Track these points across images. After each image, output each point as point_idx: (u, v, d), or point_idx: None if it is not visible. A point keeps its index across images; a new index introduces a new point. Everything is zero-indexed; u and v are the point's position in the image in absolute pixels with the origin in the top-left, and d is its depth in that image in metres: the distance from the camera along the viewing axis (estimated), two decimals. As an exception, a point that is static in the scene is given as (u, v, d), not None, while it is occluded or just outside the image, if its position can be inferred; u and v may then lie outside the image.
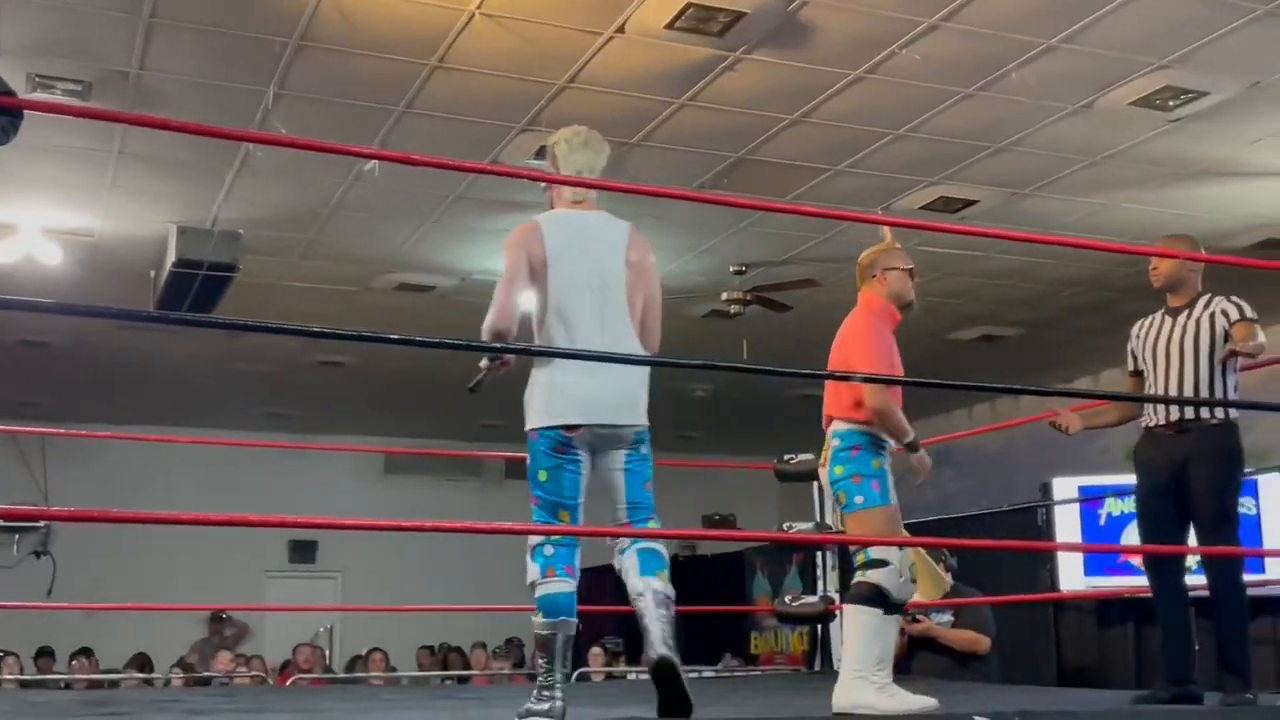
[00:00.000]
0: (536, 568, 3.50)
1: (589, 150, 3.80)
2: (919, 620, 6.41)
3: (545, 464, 3.55)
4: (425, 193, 7.65)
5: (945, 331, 10.81)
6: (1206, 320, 4.36)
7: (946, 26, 5.70)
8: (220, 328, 9.72)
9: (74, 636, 10.65)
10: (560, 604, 3.48)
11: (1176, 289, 4.50)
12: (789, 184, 7.54)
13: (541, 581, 3.49)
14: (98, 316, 5.31)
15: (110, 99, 6.19)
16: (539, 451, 3.55)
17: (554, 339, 3.55)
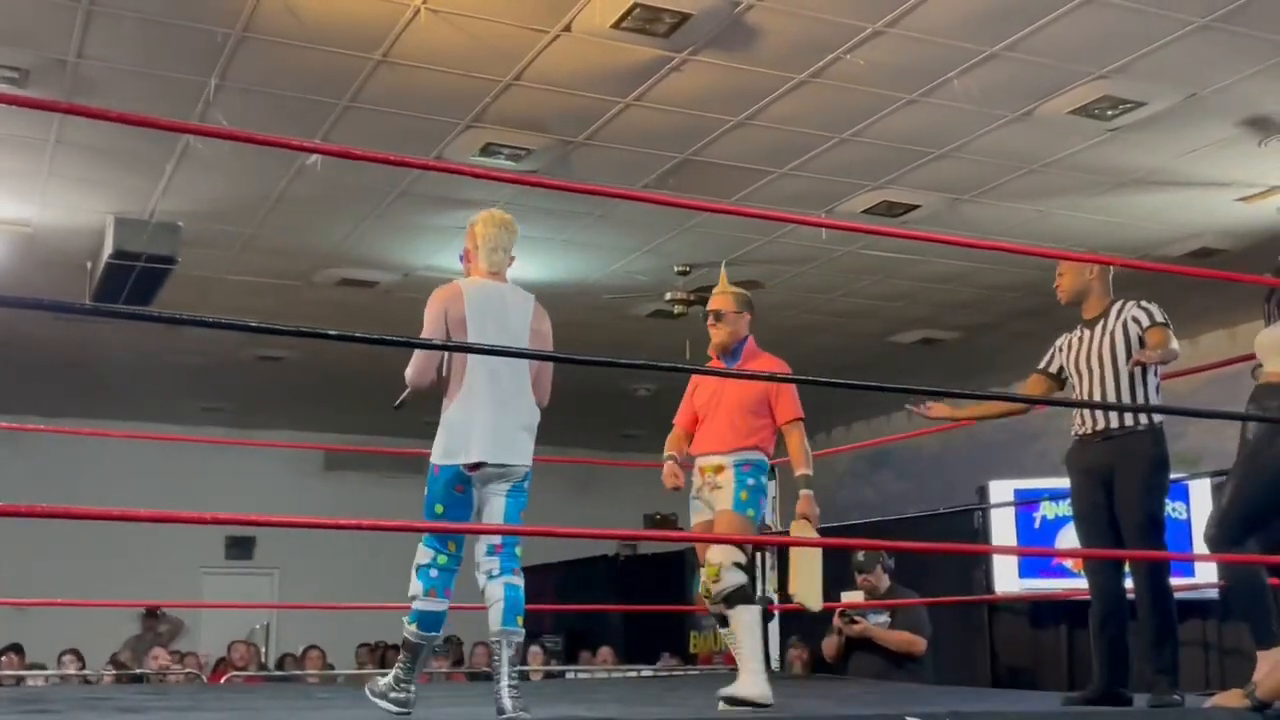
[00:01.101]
0: (421, 586, 3.97)
1: (506, 231, 4.21)
2: (856, 621, 6.47)
3: (443, 499, 3.94)
4: (368, 188, 7.60)
5: (886, 334, 10.91)
6: (1120, 329, 4.43)
7: (890, 32, 5.75)
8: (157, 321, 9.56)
9: (4, 632, 10.46)
10: (436, 622, 4.01)
11: (1084, 300, 4.57)
12: (733, 185, 7.57)
13: (423, 599, 3.96)
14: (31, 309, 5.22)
15: (48, 87, 6.08)
16: (439, 486, 3.94)
17: (476, 386, 3.93)
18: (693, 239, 8.54)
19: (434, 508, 3.94)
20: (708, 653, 11.46)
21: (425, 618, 3.98)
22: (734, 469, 4.58)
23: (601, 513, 13.63)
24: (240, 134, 3.10)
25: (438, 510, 3.94)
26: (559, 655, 11.54)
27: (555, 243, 8.58)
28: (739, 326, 4.80)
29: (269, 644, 12.54)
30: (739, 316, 4.81)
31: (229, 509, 2.93)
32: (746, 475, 4.56)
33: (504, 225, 4.21)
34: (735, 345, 4.80)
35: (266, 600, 13.55)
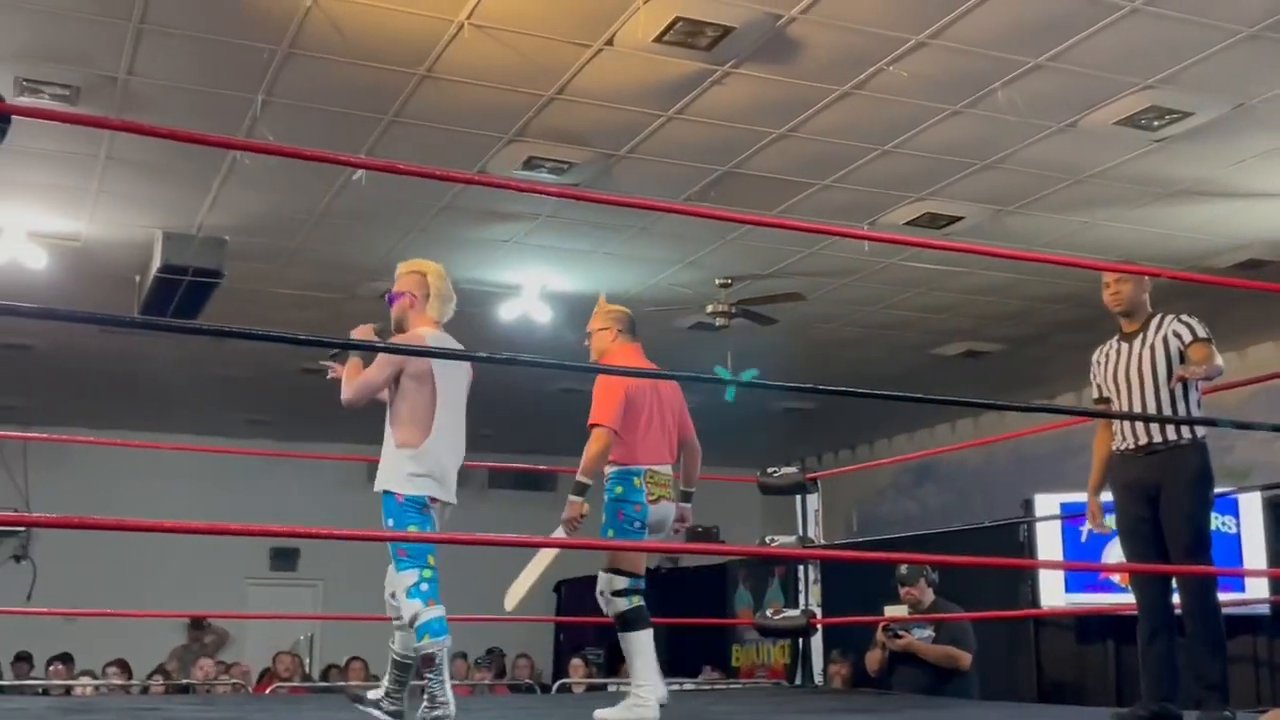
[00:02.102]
0: (418, 603, 4.15)
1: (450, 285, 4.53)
2: (900, 635, 6.42)
3: (416, 520, 4.20)
4: (411, 202, 7.65)
5: (929, 346, 10.85)
6: (1160, 343, 4.38)
7: (934, 44, 5.74)
8: (204, 334, 9.71)
9: (53, 642, 10.58)
10: (443, 627, 4.17)
11: (1134, 314, 4.52)
12: (775, 198, 7.56)
13: (424, 611, 4.14)
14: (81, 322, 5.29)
15: (98, 104, 6.18)
16: (410, 511, 4.21)
17: (441, 429, 4.27)
18: (735, 251, 8.53)
19: (408, 529, 4.18)
20: (750, 666, 11.42)
21: (434, 625, 4.14)
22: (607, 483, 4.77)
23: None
24: (287, 149, 3.14)
25: (412, 530, 4.18)
26: (601, 667, 11.52)
27: (597, 255, 8.61)
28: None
29: (313, 655, 12.61)
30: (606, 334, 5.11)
31: (273, 521, 2.96)
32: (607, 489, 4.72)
33: (448, 279, 4.51)
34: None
35: (310, 611, 13.64)
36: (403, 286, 4.44)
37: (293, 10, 5.40)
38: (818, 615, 7.03)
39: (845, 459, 14.82)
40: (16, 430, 11.02)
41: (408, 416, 4.26)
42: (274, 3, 5.35)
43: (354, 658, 11.09)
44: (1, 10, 5.41)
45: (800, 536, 6.38)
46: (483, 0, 5.35)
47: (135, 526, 2.27)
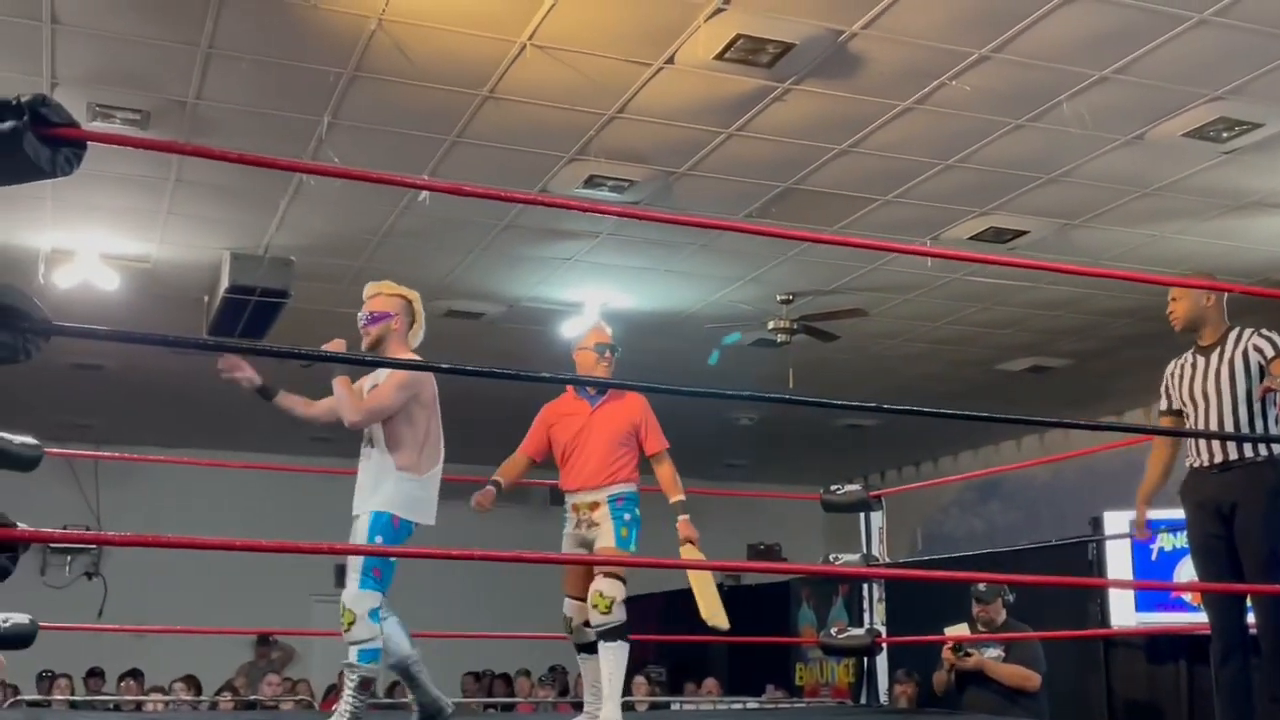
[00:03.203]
0: (377, 627, 4.19)
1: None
2: (970, 655, 6.35)
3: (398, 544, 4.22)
4: (475, 221, 7.71)
5: (993, 362, 10.75)
6: (1240, 358, 4.30)
7: (997, 57, 5.70)
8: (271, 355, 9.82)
9: (124, 658, 10.75)
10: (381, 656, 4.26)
11: (1200, 328, 4.43)
12: (837, 213, 7.54)
13: (377, 638, 4.20)
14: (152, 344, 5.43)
15: (168, 128, 6.29)
16: (401, 537, 4.22)
17: (438, 458, 4.35)
18: (796, 267, 8.51)
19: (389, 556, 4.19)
20: (813, 684, 11.34)
21: (379, 653, 4.22)
22: (609, 505, 4.66)
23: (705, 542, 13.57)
24: (353, 172, 3.17)
25: (392, 561, 4.21)
26: (663, 686, 11.50)
27: (658, 272, 8.62)
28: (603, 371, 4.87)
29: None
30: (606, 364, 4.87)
31: (338, 538, 2.98)
32: (622, 510, 4.66)
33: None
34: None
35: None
36: (385, 307, 4.34)
37: (358, 33, 5.47)
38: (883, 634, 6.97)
39: (909, 476, 14.70)
40: (89, 449, 11.23)
41: (413, 442, 4.25)
42: (339, 26, 5.43)
43: (418, 675, 11.13)
44: (74, 37, 5.54)
45: (864, 554, 6.32)
46: (545, 21, 5.40)
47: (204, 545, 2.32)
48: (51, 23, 5.39)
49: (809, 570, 11.45)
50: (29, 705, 8.37)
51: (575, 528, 4.74)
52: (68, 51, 5.65)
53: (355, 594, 4.16)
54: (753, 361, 10.23)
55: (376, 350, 4.34)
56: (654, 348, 9.66)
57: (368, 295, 4.39)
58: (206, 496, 12.52)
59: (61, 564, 13.22)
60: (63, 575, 13.17)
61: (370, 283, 4.47)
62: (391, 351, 4.31)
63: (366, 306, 4.36)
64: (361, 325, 4.34)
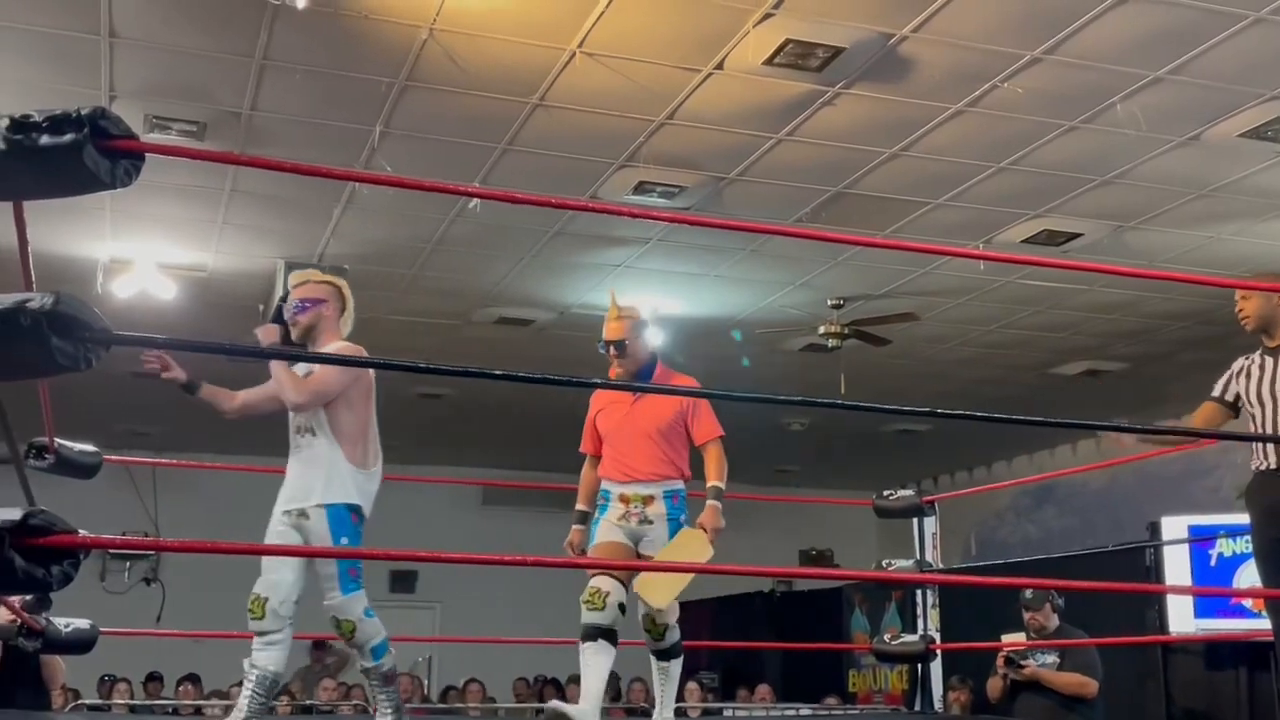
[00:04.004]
0: (377, 622, 4.18)
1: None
2: (1023, 665, 6.29)
3: (356, 543, 4.18)
4: (525, 228, 7.75)
5: (1047, 366, 10.65)
6: None
7: (1049, 59, 5.65)
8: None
9: (182, 662, 10.88)
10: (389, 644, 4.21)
11: (1272, 329, 4.35)
12: (888, 217, 7.50)
13: (381, 630, 4.18)
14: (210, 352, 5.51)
15: (223, 139, 6.38)
16: (359, 529, 4.17)
17: (379, 453, 4.28)
18: (846, 272, 8.48)
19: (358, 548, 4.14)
20: (867, 691, 11.28)
21: (388, 644, 4.21)
22: (665, 502, 4.41)
23: (756, 548, 13.55)
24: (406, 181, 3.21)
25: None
26: (716, 692, 11.48)
27: (708, 278, 8.62)
28: (642, 353, 4.54)
29: (431, 677, 12.77)
30: (639, 343, 4.54)
31: (392, 544, 3.01)
32: (677, 510, 4.43)
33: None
34: (642, 370, 4.53)
35: (428, 634, 13.81)
36: (316, 294, 4.25)
37: (409, 43, 5.52)
38: (937, 640, 6.92)
39: (962, 481, 14.59)
40: (147, 456, 11.38)
41: (358, 432, 4.17)
42: (391, 36, 5.48)
43: (471, 679, 11.21)
44: (131, 50, 5.63)
45: (918, 560, 6.28)
46: (594, 28, 5.42)
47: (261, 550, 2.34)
48: (109, 36, 5.48)
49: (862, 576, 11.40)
50: (90, 709, 8.49)
51: (623, 519, 4.41)
52: (125, 65, 5.74)
53: (344, 601, 4.10)
54: (803, 366, 10.20)
55: (308, 338, 4.26)
56: (704, 353, 9.65)
57: (295, 283, 4.30)
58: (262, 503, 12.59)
59: (120, 570, 13.40)
60: (122, 581, 13.35)
61: (295, 271, 4.42)
62: (324, 338, 4.24)
63: (296, 295, 4.27)
64: (292, 314, 4.26)
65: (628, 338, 4.48)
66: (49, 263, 7.66)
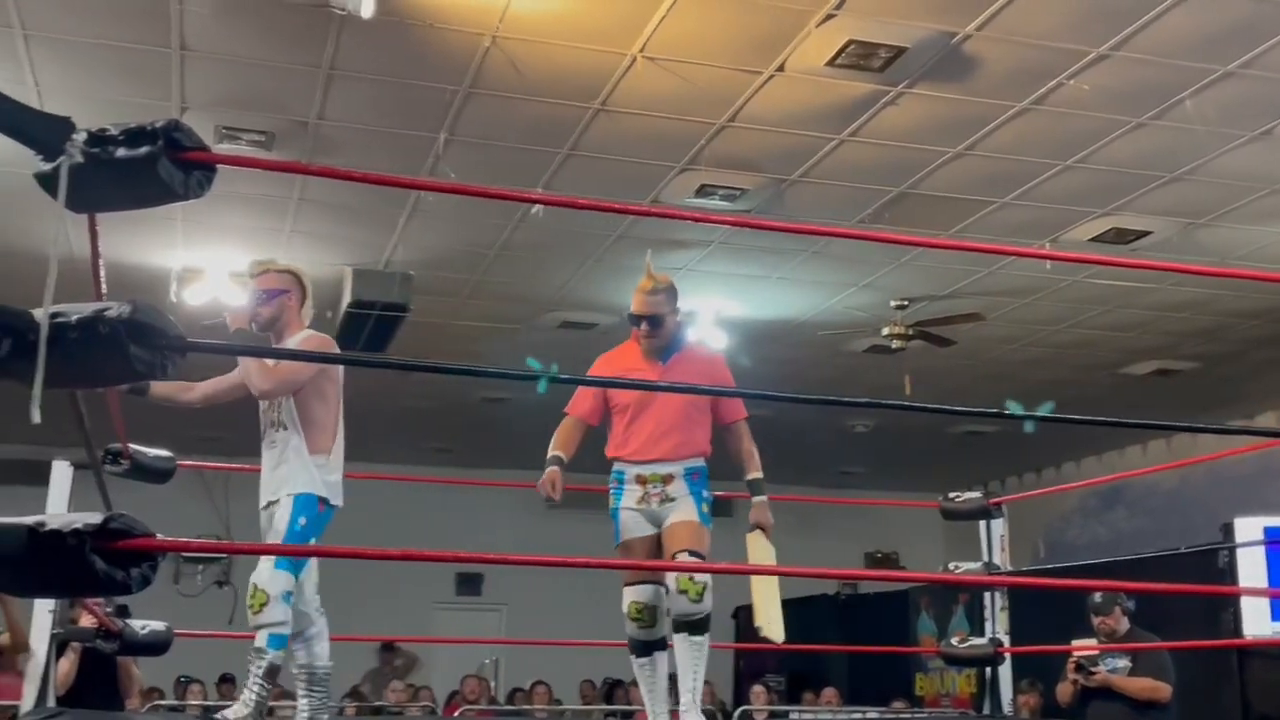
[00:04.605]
0: (286, 609, 4.02)
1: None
2: (1094, 672, 6.20)
3: (318, 534, 4.10)
4: (588, 233, 7.78)
5: (1117, 366, 10.51)
6: None
7: (1116, 55, 5.58)
8: (391, 367, 10.04)
9: (253, 664, 11.02)
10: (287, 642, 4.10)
11: None
12: (953, 217, 7.44)
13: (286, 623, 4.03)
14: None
15: (291, 148, 6.47)
16: (323, 522, 4.09)
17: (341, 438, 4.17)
18: (910, 273, 8.42)
19: (310, 539, 4.04)
20: (934, 695, 11.19)
21: (284, 638, 4.06)
22: (685, 480, 4.16)
23: (821, 550, 13.49)
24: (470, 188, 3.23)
25: (312, 542, 4.07)
26: (782, 695, 11.45)
27: (770, 280, 8.60)
28: (674, 327, 4.32)
29: (498, 678, 12.85)
30: (672, 317, 4.29)
31: (458, 547, 3.03)
32: (699, 486, 4.17)
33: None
34: (672, 343, 4.31)
35: (494, 636, 13.90)
36: (279, 284, 4.21)
37: (472, 51, 5.57)
38: (1005, 643, 6.85)
39: (1030, 483, 14.42)
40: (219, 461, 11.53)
41: (327, 423, 4.11)
42: (455, 44, 5.53)
43: (538, 681, 11.26)
44: (201, 63, 5.73)
45: (985, 563, 6.22)
46: (655, 33, 5.44)
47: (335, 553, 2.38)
48: (180, 49, 5.59)
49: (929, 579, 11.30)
50: (167, 710, 8.64)
51: (640, 502, 4.17)
52: (196, 77, 5.85)
53: (270, 574, 3.94)
54: (867, 368, 10.14)
55: (273, 328, 4.21)
56: (767, 356, 9.63)
57: (256, 273, 4.26)
58: (331, 506, 12.79)
59: (194, 573, 13.63)
60: (195, 584, 13.57)
61: (255, 260, 4.37)
62: (289, 328, 4.19)
63: (258, 284, 4.22)
64: (255, 306, 4.20)
65: (664, 312, 4.26)
66: (123, 272, 7.82)
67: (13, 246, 7.75)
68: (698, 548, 4.03)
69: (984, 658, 6.13)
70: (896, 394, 9.48)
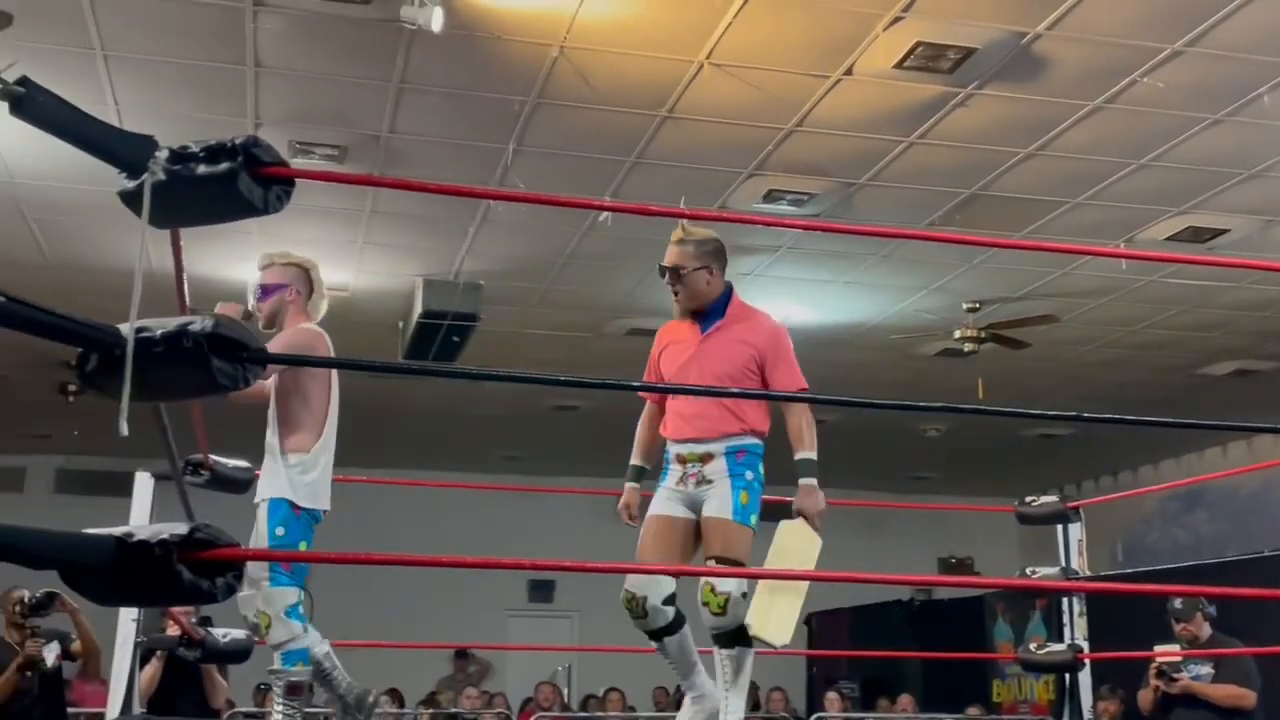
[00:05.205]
0: (298, 625, 3.88)
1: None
2: (1176, 679, 6.09)
3: (307, 538, 3.92)
4: (656, 240, 7.72)
5: (1195, 366, 10.31)
6: None
7: (1191, 52, 5.49)
8: (463, 377, 10.12)
9: (330, 671, 11.16)
10: (309, 656, 3.94)
11: None
12: (1025, 218, 7.36)
13: (302, 636, 3.90)
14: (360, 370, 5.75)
15: (363, 161, 6.56)
16: (304, 527, 3.90)
17: (329, 436, 4.06)
18: (982, 275, 8.34)
19: (299, 545, 3.87)
20: (1012, 702, 11.05)
21: (306, 653, 3.91)
22: (726, 459, 3.66)
23: (894, 556, 13.39)
24: (539, 197, 3.26)
25: (302, 547, 3.89)
26: (856, 701, 11.36)
27: (838, 284, 8.55)
28: (703, 284, 3.78)
29: (571, 685, 12.89)
30: (700, 273, 3.76)
31: (529, 554, 3.05)
32: (743, 466, 3.66)
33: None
34: (712, 305, 3.81)
35: (567, 642, 13.94)
36: (280, 278, 4.01)
37: (541, 61, 5.61)
38: (1085, 649, 6.75)
39: (1106, 486, 14.21)
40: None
41: (308, 422, 3.94)
42: (523, 55, 5.57)
43: (611, 689, 11.27)
44: (275, 79, 5.83)
45: (1063, 568, 6.14)
46: (722, 39, 5.44)
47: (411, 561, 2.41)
48: (255, 66, 5.68)
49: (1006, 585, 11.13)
50: (245, 717, 8.77)
51: (679, 483, 3.72)
52: (270, 93, 5.94)
53: (270, 592, 3.76)
54: (939, 372, 10.05)
55: (275, 325, 4.02)
56: (837, 360, 9.58)
57: (261, 266, 4.05)
58: (402, 514, 12.91)
59: (272, 581, 13.79)
60: (273, 591, 13.74)
61: (263, 252, 4.14)
62: (290, 324, 4.00)
63: (258, 278, 4.05)
64: (254, 302, 4.03)
65: (684, 264, 3.75)
66: (200, 285, 7.90)
67: (92, 262, 7.93)
68: (727, 553, 3.58)
69: (1063, 664, 6.05)
70: (969, 397, 9.39)
